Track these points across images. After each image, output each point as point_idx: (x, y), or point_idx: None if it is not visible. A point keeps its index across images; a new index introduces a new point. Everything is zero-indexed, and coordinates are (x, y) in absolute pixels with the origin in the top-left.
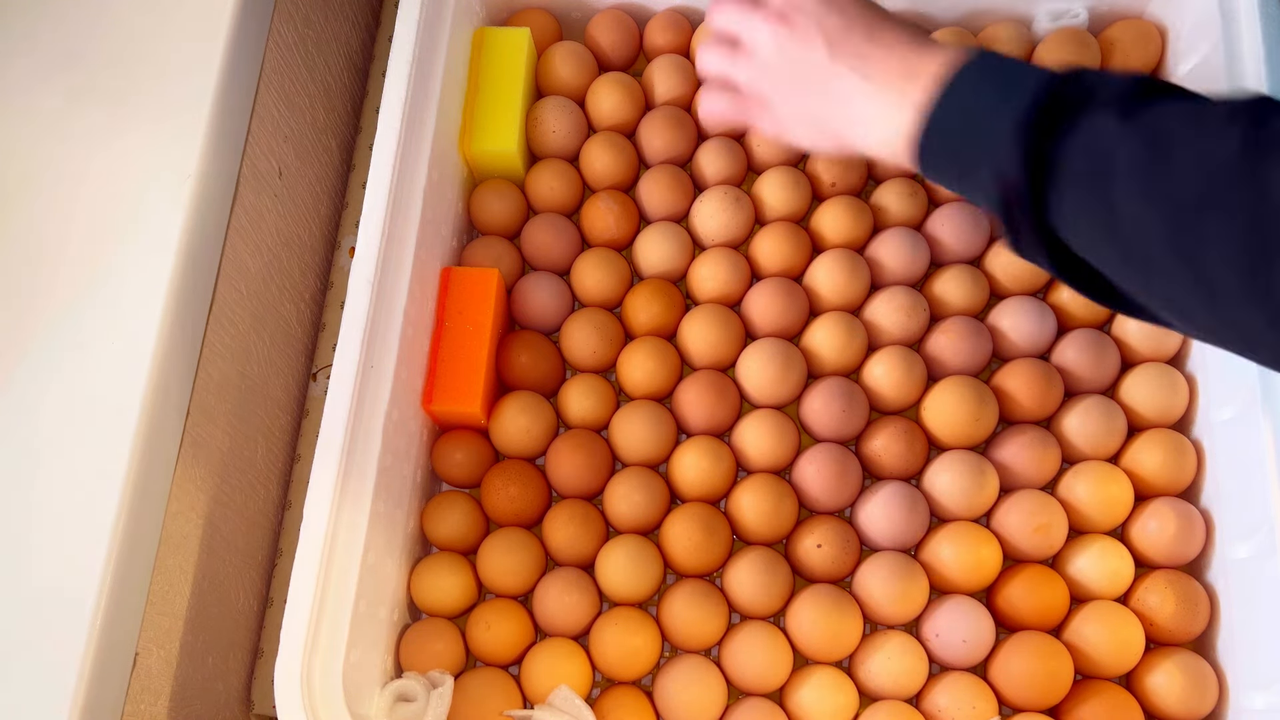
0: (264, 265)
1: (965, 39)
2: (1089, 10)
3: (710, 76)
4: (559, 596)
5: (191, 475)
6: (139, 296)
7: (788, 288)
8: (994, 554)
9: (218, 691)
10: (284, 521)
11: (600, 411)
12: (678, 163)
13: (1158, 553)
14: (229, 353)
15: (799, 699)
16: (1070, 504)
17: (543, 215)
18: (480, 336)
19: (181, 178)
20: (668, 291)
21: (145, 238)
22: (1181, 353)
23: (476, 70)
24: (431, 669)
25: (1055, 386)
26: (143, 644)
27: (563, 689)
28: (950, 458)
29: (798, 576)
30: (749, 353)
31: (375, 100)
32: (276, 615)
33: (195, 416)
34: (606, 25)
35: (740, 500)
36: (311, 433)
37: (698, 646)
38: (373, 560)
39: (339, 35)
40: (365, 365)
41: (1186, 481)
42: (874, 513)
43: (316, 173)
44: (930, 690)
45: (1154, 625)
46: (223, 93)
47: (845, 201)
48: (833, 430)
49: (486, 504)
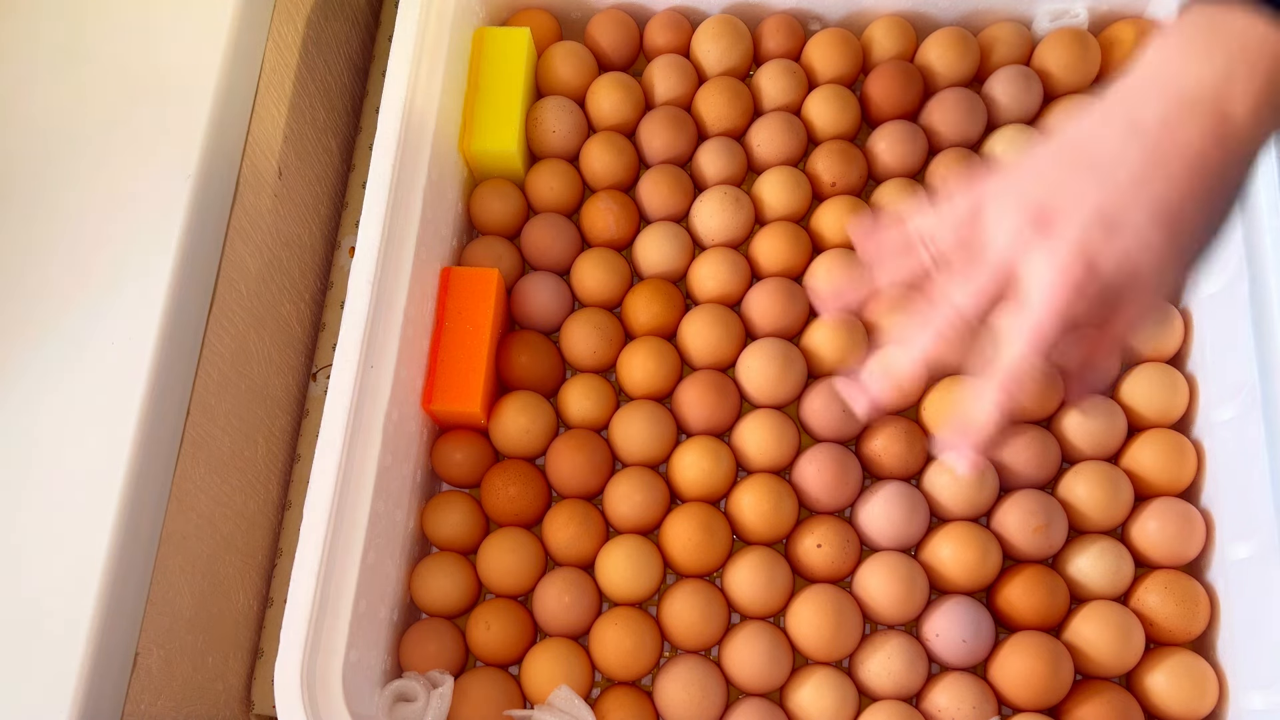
0: (264, 265)
1: (965, 39)
2: (1089, 10)
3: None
4: (559, 596)
5: (191, 475)
6: (139, 296)
7: (788, 288)
8: (994, 554)
9: (218, 691)
10: (284, 521)
11: (600, 411)
12: (678, 163)
13: (1158, 553)
14: (229, 353)
15: (799, 699)
16: (1070, 504)
17: (543, 215)
18: (480, 336)
19: (181, 178)
20: (668, 291)
21: (145, 238)
22: (1181, 353)
23: (476, 70)
24: (431, 669)
25: (1055, 386)
26: (143, 644)
27: (563, 689)
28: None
29: (798, 576)
30: (749, 353)
31: (375, 100)
32: (276, 615)
33: (195, 416)
34: (606, 25)
35: (740, 500)
36: (311, 433)
37: (698, 646)
38: (373, 560)
39: (339, 35)
40: (365, 365)
41: (1186, 481)
42: (874, 513)
43: (316, 173)
44: (930, 690)
45: (1154, 625)
46: (223, 93)
47: (845, 201)
48: (833, 430)
49: (486, 504)
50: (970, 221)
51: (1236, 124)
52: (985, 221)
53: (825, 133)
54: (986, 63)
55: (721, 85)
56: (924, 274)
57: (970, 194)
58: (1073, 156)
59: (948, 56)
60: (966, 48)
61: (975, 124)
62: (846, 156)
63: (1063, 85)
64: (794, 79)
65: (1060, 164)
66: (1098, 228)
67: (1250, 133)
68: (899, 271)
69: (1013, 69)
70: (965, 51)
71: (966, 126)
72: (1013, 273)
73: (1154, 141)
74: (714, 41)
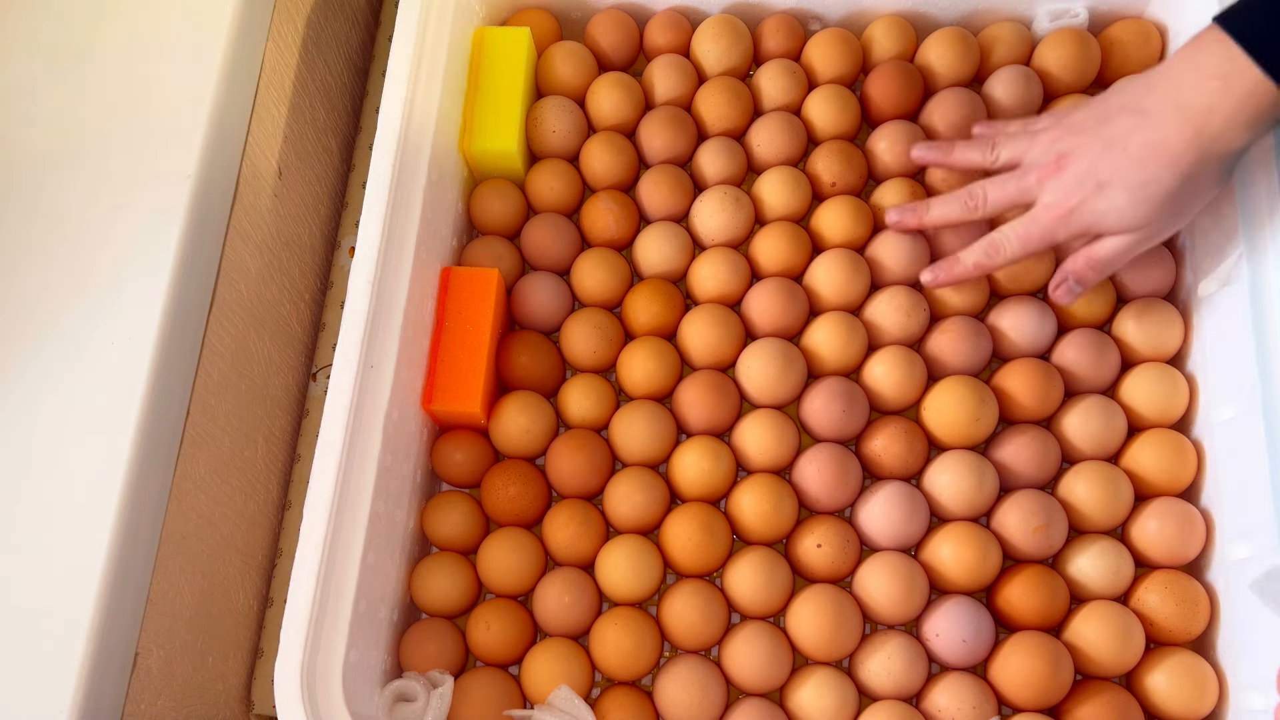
0: (264, 265)
1: (965, 39)
2: (1089, 10)
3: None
4: (559, 596)
5: (191, 475)
6: (139, 296)
7: (788, 288)
8: (994, 554)
9: (218, 691)
10: (284, 521)
11: (600, 411)
12: (678, 163)
13: (1158, 553)
14: (229, 353)
15: (799, 699)
16: (1070, 504)
17: (543, 215)
18: (480, 336)
19: (181, 178)
20: (668, 291)
21: (145, 238)
22: (1181, 353)
23: (476, 70)
24: (431, 669)
25: (1055, 386)
26: (143, 644)
27: (563, 689)
28: (950, 458)
29: (798, 576)
30: (749, 353)
31: (375, 100)
32: (276, 615)
33: (195, 416)
34: (606, 25)
35: (740, 500)
36: (311, 433)
37: (698, 646)
38: (373, 560)
39: (339, 35)
40: (365, 365)
41: (1186, 481)
42: (874, 513)
43: (316, 173)
44: (930, 690)
45: (1154, 625)
46: (223, 93)
47: (845, 201)
48: (833, 430)
49: (486, 504)
50: (1027, 144)
51: (1210, 135)
52: (1032, 148)
53: (825, 133)
54: (986, 63)
55: (721, 85)
56: (983, 166)
57: (1046, 121)
58: (1099, 121)
59: (948, 56)
60: (966, 48)
61: (975, 124)
62: (846, 156)
63: (1063, 85)
64: (794, 79)
65: (1089, 124)
66: (1091, 183)
67: (1221, 144)
68: (970, 156)
69: (1013, 69)
70: (965, 51)
71: (966, 127)
72: (1030, 192)
73: (1147, 136)
74: (714, 41)
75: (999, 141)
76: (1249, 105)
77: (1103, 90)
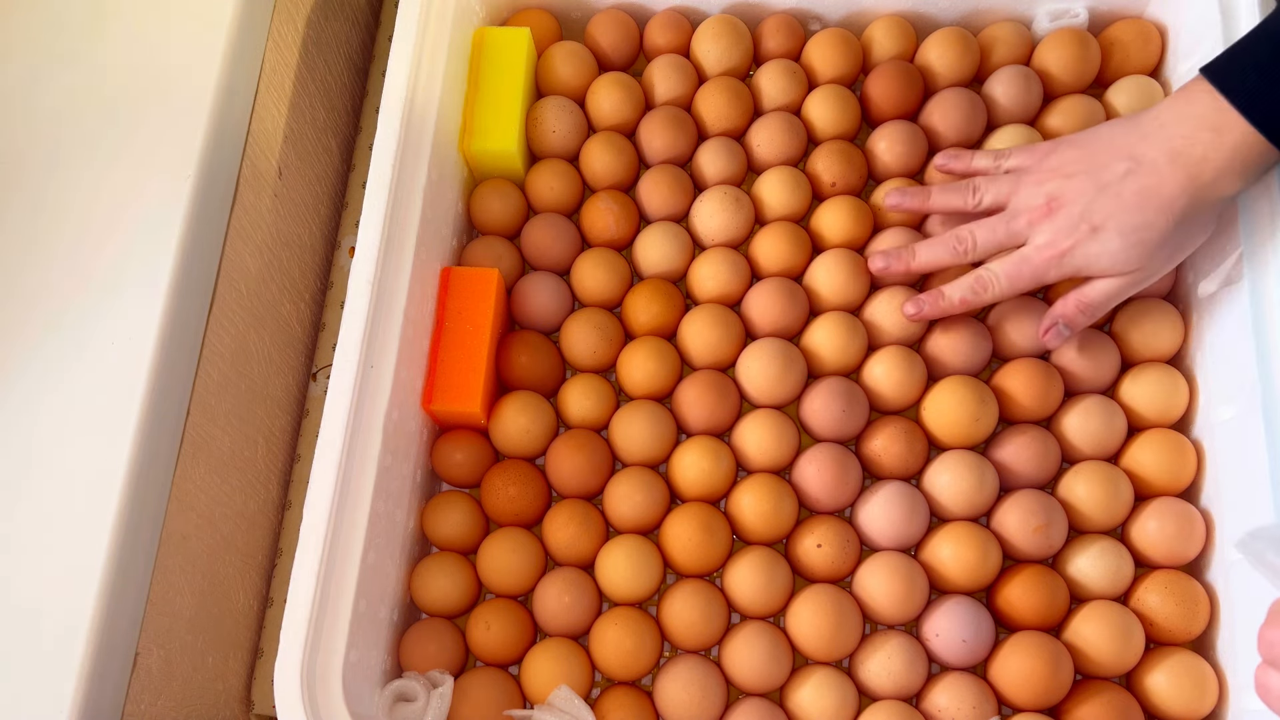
0: (264, 265)
1: (965, 39)
2: (1089, 10)
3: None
4: (559, 596)
5: (191, 475)
6: (139, 296)
7: (788, 288)
8: (994, 554)
9: (218, 691)
10: (284, 521)
11: (600, 411)
12: (678, 163)
13: (1158, 553)
14: (229, 353)
15: (799, 699)
16: (1070, 504)
17: (543, 215)
18: (480, 336)
19: (181, 178)
20: (668, 291)
21: (145, 238)
22: (1181, 353)
23: (476, 70)
24: (431, 669)
25: (1055, 386)
26: (143, 644)
27: (563, 689)
28: (950, 458)
29: (798, 576)
30: (749, 353)
31: (375, 100)
32: (276, 615)
33: (195, 416)
34: (606, 25)
35: (740, 500)
36: (311, 433)
37: (698, 646)
38: (373, 560)
39: (339, 35)
40: (365, 365)
41: (1186, 481)
42: (874, 513)
43: (316, 173)
44: (930, 690)
45: (1154, 625)
46: (223, 93)
47: (845, 201)
48: (833, 430)
49: (486, 504)
50: (1011, 186)
51: (1203, 183)
52: (1018, 190)
53: (825, 133)
54: (986, 63)
55: (721, 85)
56: (965, 210)
57: (1020, 159)
58: (1091, 164)
59: (948, 56)
60: (966, 48)
61: (975, 124)
62: (846, 156)
63: (1063, 85)
64: (794, 79)
65: (1081, 166)
66: (1085, 226)
67: (1214, 192)
68: (951, 200)
69: (1013, 69)
70: (965, 51)
71: (966, 126)
72: (1020, 235)
73: (1141, 182)
74: (714, 41)
75: (979, 185)
76: (1240, 155)
77: (1103, 90)
